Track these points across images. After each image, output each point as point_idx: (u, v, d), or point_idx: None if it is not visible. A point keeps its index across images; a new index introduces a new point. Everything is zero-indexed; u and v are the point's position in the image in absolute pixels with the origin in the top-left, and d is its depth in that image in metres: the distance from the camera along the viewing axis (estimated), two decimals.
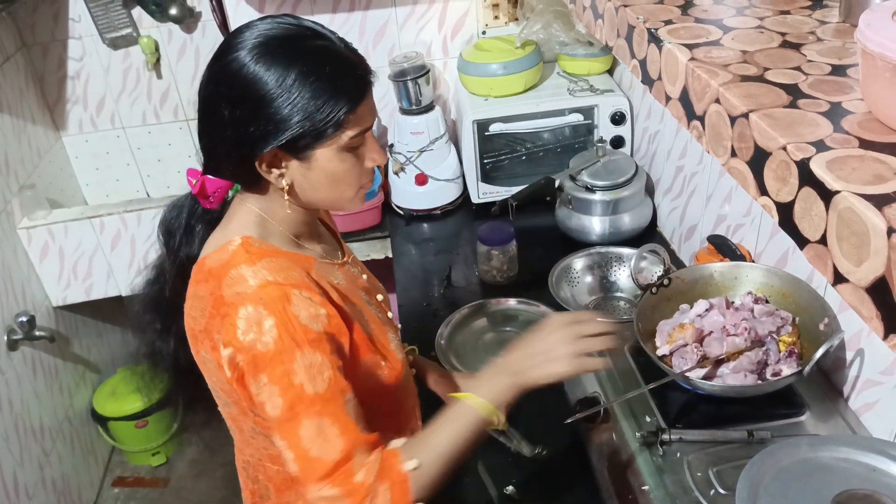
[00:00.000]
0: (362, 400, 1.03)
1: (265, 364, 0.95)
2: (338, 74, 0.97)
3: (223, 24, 2.32)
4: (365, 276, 1.22)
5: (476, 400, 1.04)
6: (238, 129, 0.97)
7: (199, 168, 1.08)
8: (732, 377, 1.19)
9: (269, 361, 0.95)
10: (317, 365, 0.96)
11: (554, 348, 1.06)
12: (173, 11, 2.38)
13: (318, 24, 1.01)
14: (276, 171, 1.01)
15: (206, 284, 1.02)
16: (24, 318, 2.22)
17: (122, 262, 2.44)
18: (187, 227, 1.12)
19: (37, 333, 2.25)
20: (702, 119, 0.83)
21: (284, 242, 1.07)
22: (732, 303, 1.31)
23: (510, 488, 1.30)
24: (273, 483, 1.16)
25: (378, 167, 1.21)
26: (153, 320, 1.17)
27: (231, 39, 0.98)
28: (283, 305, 0.96)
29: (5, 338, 2.18)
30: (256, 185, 1.05)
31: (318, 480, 0.96)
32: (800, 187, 0.63)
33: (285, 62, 0.95)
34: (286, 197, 1.04)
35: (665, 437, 1.16)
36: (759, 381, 1.19)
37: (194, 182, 1.06)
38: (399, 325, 1.28)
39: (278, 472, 1.14)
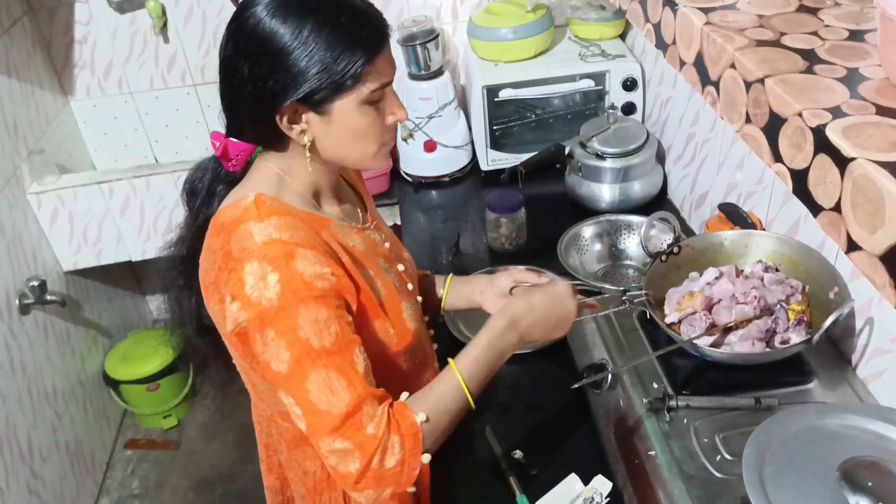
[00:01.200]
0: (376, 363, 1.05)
1: (271, 319, 0.95)
2: (353, 26, 0.97)
3: None
4: (388, 244, 1.21)
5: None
6: (257, 85, 0.98)
7: (223, 131, 1.09)
8: (740, 345, 1.20)
9: (275, 316, 0.95)
10: (322, 319, 0.96)
11: (563, 320, 1.17)
12: None
13: None
14: (297, 127, 1.02)
15: (217, 238, 1.03)
16: (35, 283, 2.24)
17: (131, 228, 2.45)
18: (209, 188, 1.13)
19: (48, 298, 2.27)
20: (716, 84, 0.82)
21: (300, 202, 1.07)
22: (742, 271, 1.31)
23: (518, 452, 1.31)
24: (284, 439, 1.19)
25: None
26: (177, 277, 1.19)
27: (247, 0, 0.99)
28: (287, 262, 0.96)
29: (17, 302, 2.20)
30: (278, 143, 1.05)
31: (328, 434, 0.97)
32: (815, 154, 0.63)
33: (300, 15, 0.95)
34: (308, 154, 1.04)
35: (672, 403, 1.17)
36: (768, 349, 1.19)
37: (217, 145, 1.07)
38: (420, 299, 1.28)
39: (289, 429, 1.16)
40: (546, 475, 1.26)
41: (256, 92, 0.99)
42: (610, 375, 1.28)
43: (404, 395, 1.06)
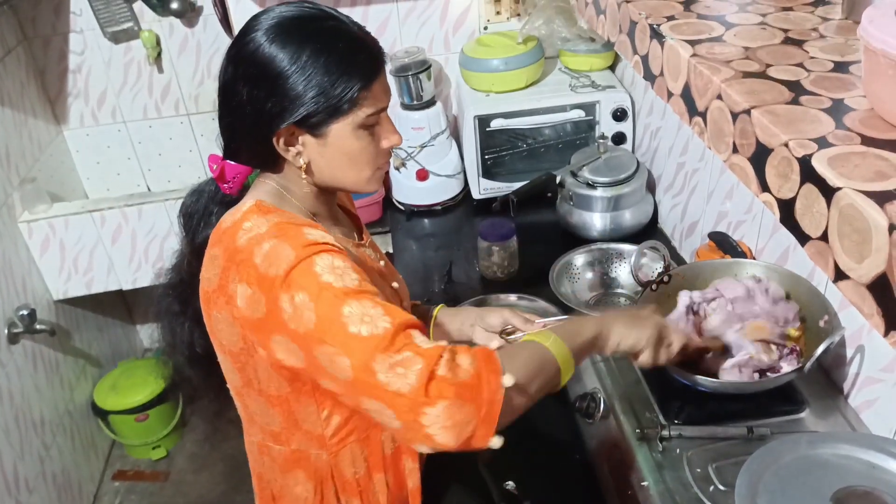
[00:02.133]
0: None
1: (289, 282, 0.94)
2: (350, 52, 0.99)
3: (224, 18, 2.32)
4: (382, 263, 1.22)
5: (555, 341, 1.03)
6: (255, 107, 1.00)
7: (220, 154, 1.10)
8: (730, 373, 1.19)
9: (294, 276, 0.94)
10: (340, 267, 0.95)
11: (648, 320, 1.12)
12: (174, 5, 2.37)
13: (330, 8, 1.04)
14: (293, 150, 1.03)
15: (218, 245, 1.03)
16: (24, 312, 2.22)
17: (122, 256, 2.44)
18: (206, 209, 1.14)
19: (37, 327, 2.25)
20: (703, 115, 0.83)
21: (300, 214, 1.08)
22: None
23: (510, 484, 1.30)
24: (277, 464, 1.17)
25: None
26: (171, 304, 1.18)
27: (248, 24, 1.02)
28: (297, 234, 0.97)
29: (6, 331, 2.18)
30: (274, 165, 1.07)
31: (381, 352, 0.89)
32: (801, 184, 0.63)
33: (299, 41, 0.97)
34: (304, 176, 1.05)
35: (665, 433, 1.16)
36: (759, 378, 1.19)
37: (215, 167, 1.09)
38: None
39: (281, 451, 1.15)
40: None
41: (254, 114, 1.00)
42: (602, 406, 1.28)
43: None
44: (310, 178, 1.06)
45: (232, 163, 1.08)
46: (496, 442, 0.91)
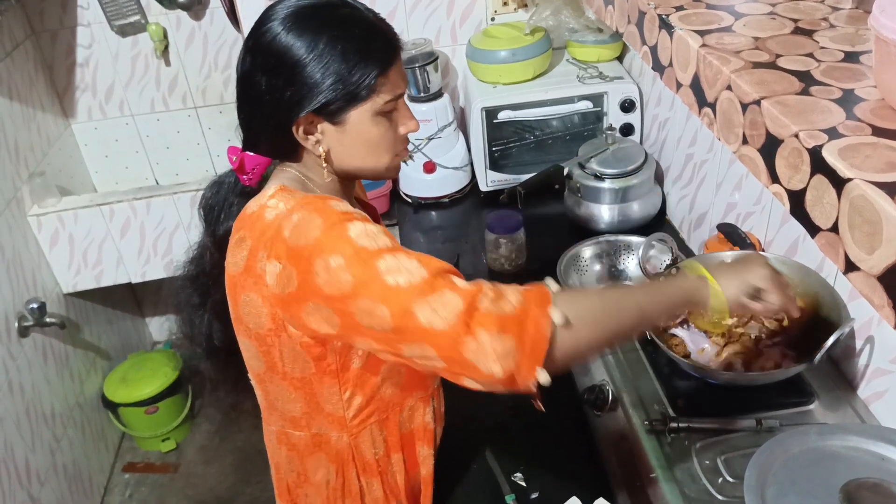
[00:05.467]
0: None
1: (324, 246, 0.93)
2: (366, 39, 1.00)
3: (231, 11, 2.32)
4: None
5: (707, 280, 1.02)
6: (274, 97, 1.01)
7: (239, 146, 1.11)
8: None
9: (327, 242, 0.93)
10: (372, 231, 0.95)
11: (748, 261, 1.08)
12: None
13: None
14: (312, 138, 1.04)
15: (244, 228, 1.03)
16: (34, 305, 2.24)
17: (131, 250, 2.45)
18: (225, 202, 1.14)
19: (47, 320, 2.27)
20: (713, 106, 0.83)
21: None
22: None
23: (518, 475, 1.30)
24: (297, 450, 1.18)
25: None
26: (191, 295, 1.19)
27: (264, 14, 1.02)
28: (324, 204, 0.98)
29: (16, 324, 2.19)
30: (293, 155, 1.08)
31: (419, 296, 0.88)
32: (812, 175, 0.63)
33: (315, 30, 0.98)
34: (324, 164, 1.06)
35: (673, 424, 1.16)
36: (769, 370, 1.19)
37: (234, 159, 1.09)
38: None
39: (302, 437, 1.16)
40: (547, 498, 1.25)
41: (273, 104, 1.01)
42: (611, 397, 1.28)
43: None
44: (329, 166, 1.07)
45: (251, 154, 1.09)
46: (544, 378, 0.87)
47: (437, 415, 1.25)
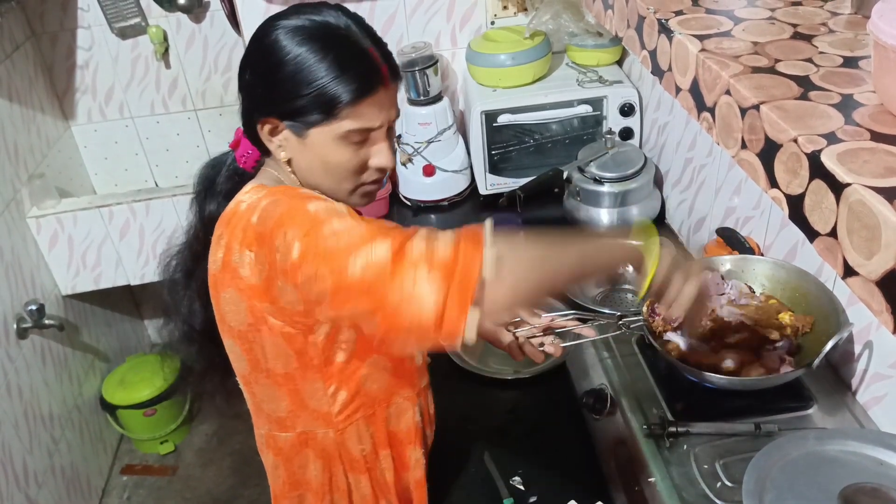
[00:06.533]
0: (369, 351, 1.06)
1: (281, 223, 0.94)
2: (347, 63, 0.99)
3: (231, 13, 2.32)
4: None
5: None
6: (250, 91, 1.05)
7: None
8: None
9: (285, 218, 0.94)
10: (333, 207, 0.95)
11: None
12: (182, 1, 2.38)
13: (360, 19, 1.04)
14: (276, 140, 1.05)
15: (222, 227, 1.05)
16: (33, 307, 2.24)
17: (130, 252, 2.45)
18: (216, 181, 1.16)
19: (46, 322, 2.27)
20: (712, 111, 0.83)
21: None
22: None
23: (516, 478, 1.30)
24: (284, 452, 1.18)
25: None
26: (176, 271, 1.20)
27: (280, 13, 1.04)
28: (294, 190, 1.00)
29: (15, 326, 2.19)
30: (267, 151, 1.09)
31: (353, 252, 0.87)
32: (810, 180, 0.63)
33: (301, 40, 0.99)
34: (288, 168, 1.07)
35: (672, 429, 1.16)
36: (767, 375, 1.19)
37: (236, 138, 1.13)
38: None
39: (288, 438, 1.16)
40: (545, 501, 1.25)
41: (248, 97, 1.05)
42: (609, 401, 1.28)
43: None
44: (291, 171, 1.08)
45: (248, 141, 1.11)
46: (471, 330, 0.82)
47: (426, 416, 1.25)
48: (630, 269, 1.00)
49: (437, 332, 0.83)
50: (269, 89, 1.01)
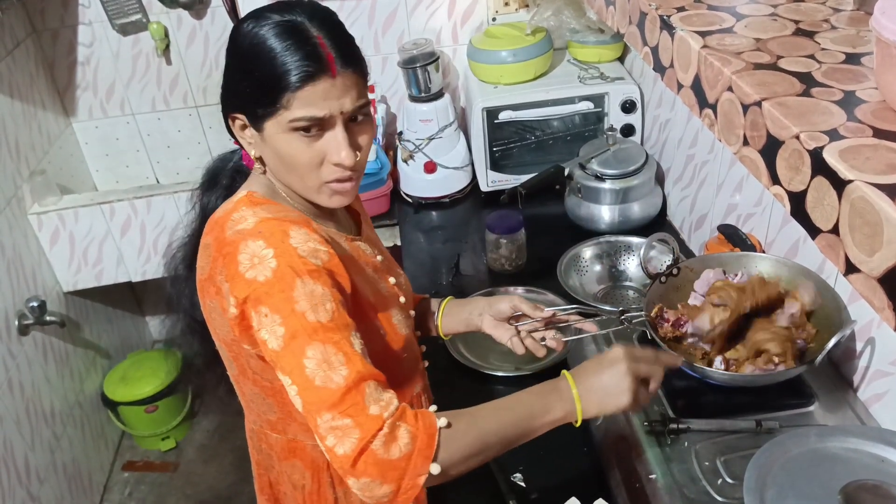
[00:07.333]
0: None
1: (265, 294, 0.94)
2: (291, 51, 0.97)
3: (232, 9, 2.32)
4: (379, 258, 1.21)
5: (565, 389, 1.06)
6: (222, 89, 1.06)
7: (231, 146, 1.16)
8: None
9: (269, 290, 0.94)
10: (318, 295, 0.95)
11: (616, 382, 1.05)
12: None
13: (324, 13, 1.02)
14: (245, 138, 1.06)
15: (210, 234, 1.04)
16: (34, 303, 2.24)
17: (132, 249, 2.45)
18: (221, 177, 1.17)
19: (47, 318, 2.27)
20: (714, 107, 0.83)
21: (290, 206, 1.09)
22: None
23: (518, 476, 1.30)
24: (274, 451, 1.18)
25: (385, 150, 1.18)
26: (179, 265, 1.20)
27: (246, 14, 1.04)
28: (282, 238, 0.97)
29: (16, 322, 2.19)
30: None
31: (326, 410, 0.92)
32: (812, 176, 0.63)
33: (256, 31, 0.98)
34: (257, 166, 1.08)
35: (673, 426, 1.16)
36: (769, 371, 1.19)
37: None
38: (413, 313, 1.27)
39: (278, 440, 1.16)
40: (547, 499, 1.25)
41: (221, 95, 1.07)
42: None
43: (433, 407, 1.02)
44: (263, 169, 1.08)
45: None
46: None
47: None
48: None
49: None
50: (228, 84, 1.04)
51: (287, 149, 1.01)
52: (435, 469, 0.93)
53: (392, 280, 1.21)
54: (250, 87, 0.99)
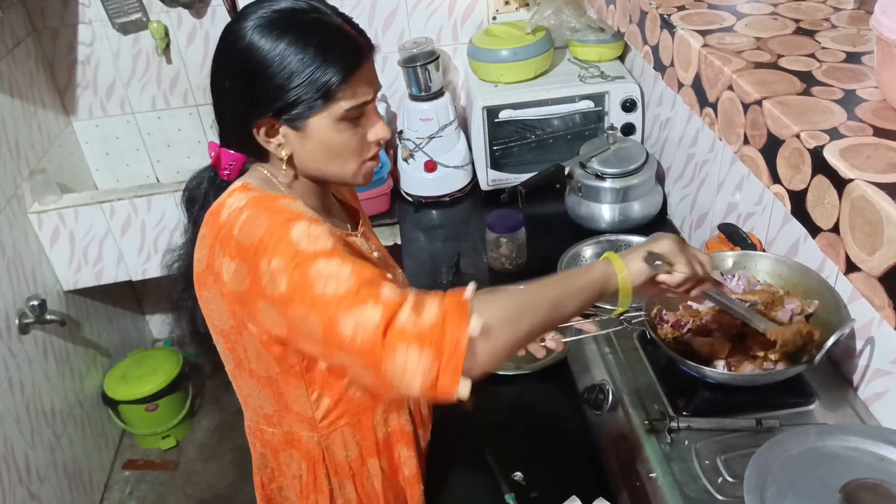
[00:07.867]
0: None
1: (266, 246, 0.94)
2: (328, 44, 0.98)
3: (233, 8, 2.32)
4: (376, 254, 1.22)
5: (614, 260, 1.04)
6: (236, 99, 1.02)
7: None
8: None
9: (268, 242, 0.94)
10: (315, 233, 0.95)
11: (656, 240, 1.08)
12: None
13: (319, 2, 1.03)
14: (274, 141, 1.04)
15: (206, 225, 1.05)
16: (35, 302, 2.24)
17: (132, 247, 2.45)
18: (205, 196, 1.15)
19: (48, 317, 2.27)
20: (714, 106, 0.83)
21: None
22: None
23: (518, 474, 1.30)
24: (271, 446, 1.19)
25: (386, 149, 1.19)
26: (179, 291, 1.20)
27: (238, 14, 1.03)
28: (274, 202, 0.99)
29: (17, 321, 2.19)
30: (260, 155, 1.08)
31: (346, 311, 0.88)
32: (813, 175, 0.63)
33: (277, 33, 0.98)
34: (284, 167, 1.06)
35: (673, 424, 1.16)
36: (769, 370, 1.19)
37: (212, 154, 1.11)
38: None
39: (274, 434, 1.17)
40: (547, 497, 1.25)
41: (236, 105, 1.03)
42: (611, 397, 1.28)
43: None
44: (291, 169, 1.07)
45: (227, 150, 1.09)
46: (465, 389, 0.86)
47: (418, 418, 1.25)
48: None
49: (429, 397, 0.87)
50: (257, 91, 0.99)
51: (337, 139, 1.03)
52: (475, 327, 0.86)
53: (389, 277, 1.21)
54: (290, 91, 0.98)
